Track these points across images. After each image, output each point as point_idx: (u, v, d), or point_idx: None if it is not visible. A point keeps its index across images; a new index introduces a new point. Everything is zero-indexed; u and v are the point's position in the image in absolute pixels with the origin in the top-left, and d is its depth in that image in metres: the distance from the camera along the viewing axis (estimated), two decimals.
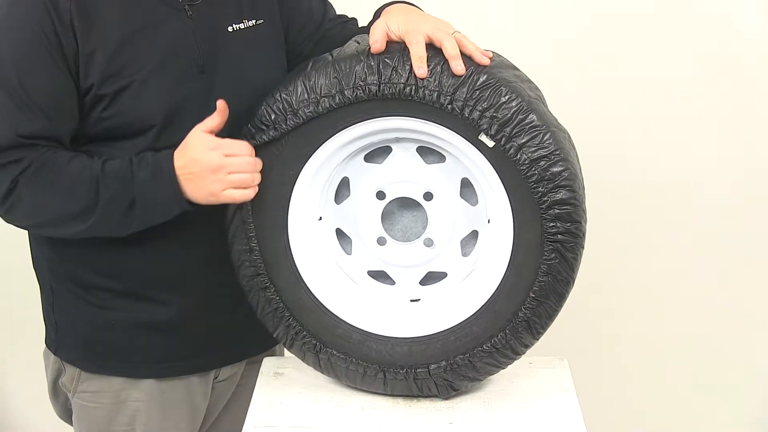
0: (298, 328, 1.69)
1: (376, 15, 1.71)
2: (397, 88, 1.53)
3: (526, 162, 1.51)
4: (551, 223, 1.53)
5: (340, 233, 1.71)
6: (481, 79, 1.52)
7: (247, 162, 1.59)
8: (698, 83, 2.59)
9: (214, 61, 1.66)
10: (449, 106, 1.52)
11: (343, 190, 1.69)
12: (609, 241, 2.61)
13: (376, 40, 1.56)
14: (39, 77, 1.56)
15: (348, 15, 1.90)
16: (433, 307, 1.69)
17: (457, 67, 1.52)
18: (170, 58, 1.62)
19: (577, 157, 1.59)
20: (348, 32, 1.81)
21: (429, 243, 1.66)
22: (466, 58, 1.53)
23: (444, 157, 1.63)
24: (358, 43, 1.63)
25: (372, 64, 1.54)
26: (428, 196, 1.63)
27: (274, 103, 1.60)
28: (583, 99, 2.58)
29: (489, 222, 1.64)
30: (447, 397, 1.69)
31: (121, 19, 1.59)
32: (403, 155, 1.65)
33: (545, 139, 1.51)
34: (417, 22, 1.58)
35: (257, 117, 1.61)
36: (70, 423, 1.87)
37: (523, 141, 1.51)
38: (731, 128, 2.61)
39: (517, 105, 1.51)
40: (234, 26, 1.70)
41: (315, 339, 1.69)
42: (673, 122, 2.62)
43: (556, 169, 1.51)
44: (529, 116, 1.51)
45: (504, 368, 1.67)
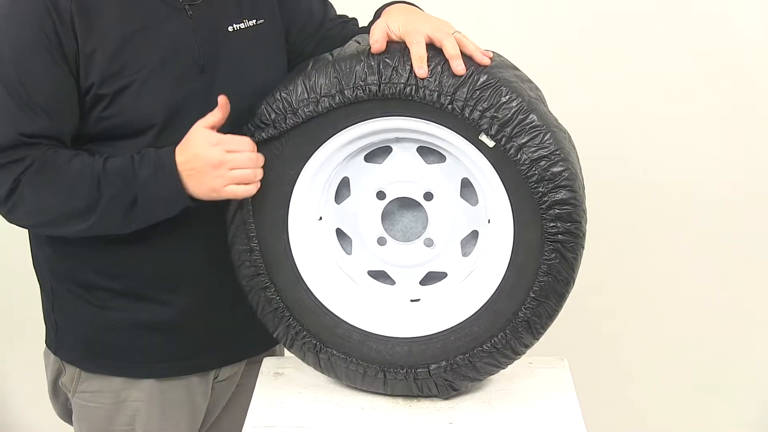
0: (298, 328, 1.69)
1: (377, 15, 1.71)
2: (398, 88, 1.53)
3: (526, 162, 1.51)
4: (551, 223, 1.53)
5: (340, 233, 1.71)
6: (481, 79, 1.51)
7: (249, 158, 1.59)
8: (698, 83, 2.59)
9: (214, 61, 1.66)
10: (449, 106, 1.52)
11: (343, 190, 1.69)
12: (609, 241, 2.61)
13: (377, 40, 1.56)
14: (39, 77, 1.56)
15: (348, 15, 1.90)
16: (433, 307, 1.69)
17: (458, 67, 1.51)
18: (170, 58, 1.62)
19: (578, 157, 1.59)
20: (348, 32, 1.81)
21: (429, 243, 1.66)
22: (466, 58, 1.53)
23: (444, 157, 1.63)
24: (358, 43, 1.63)
25: (372, 64, 1.54)
26: (428, 196, 1.63)
27: (273, 102, 1.60)
28: (584, 99, 2.58)
29: (489, 222, 1.64)
30: (447, 397, 1.69)
31: (122, 19, 1.59)
32: (404, 155, 1.65)
33: (545, 139, 1.51)
34: (417, 22, 1.58)
35: (257, 116, 1.61)
36: (70, 423, 1.87)
37: (523, 141, 1.51)
38: (731, 128, 2.61)
39: (517, 105, 1.51)
40: (234, 26, 1.70)
41: (315, 339, 1.69)
42: (673, 122, 2.62)
43: (556, 169, 1.51)
44: (530, 116, 1.51)
45: (504, 368, 1.67)
